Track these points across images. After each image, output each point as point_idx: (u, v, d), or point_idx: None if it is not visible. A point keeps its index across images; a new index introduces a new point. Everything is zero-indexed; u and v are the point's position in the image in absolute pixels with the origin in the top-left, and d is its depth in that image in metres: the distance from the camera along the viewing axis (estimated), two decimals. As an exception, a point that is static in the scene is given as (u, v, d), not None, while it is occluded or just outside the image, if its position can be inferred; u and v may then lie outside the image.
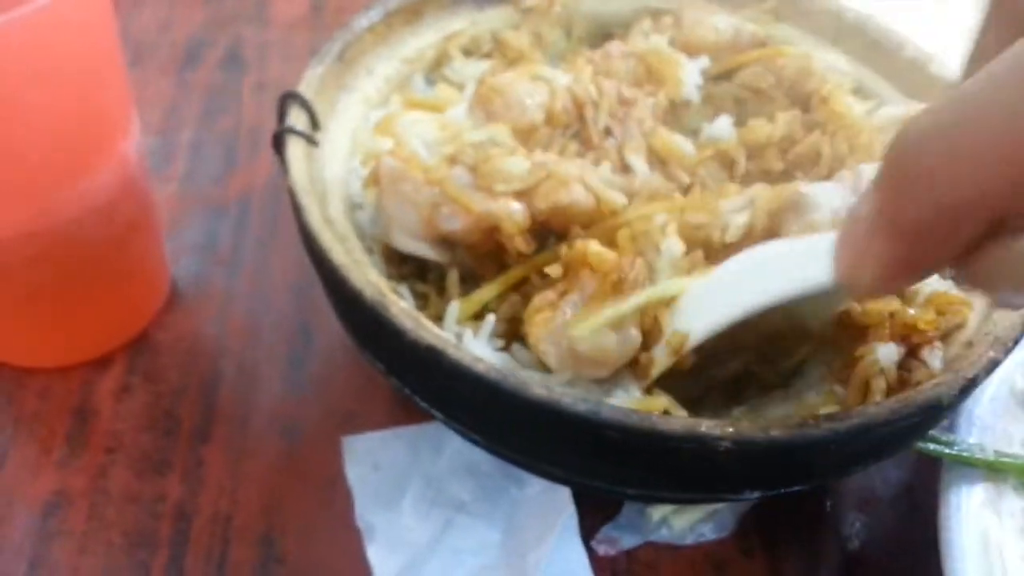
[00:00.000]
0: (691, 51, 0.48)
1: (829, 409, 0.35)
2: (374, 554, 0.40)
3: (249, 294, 0.52)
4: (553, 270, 0.36)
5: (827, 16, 0.51)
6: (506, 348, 0.37)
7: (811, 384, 0.37)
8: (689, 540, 0.42)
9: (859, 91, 0.49)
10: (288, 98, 0.41)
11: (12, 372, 0.47)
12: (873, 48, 0.49)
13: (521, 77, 0.43)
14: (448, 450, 0.44)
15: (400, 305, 0.34)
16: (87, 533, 0.41)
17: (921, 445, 0.38)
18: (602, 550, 0.41)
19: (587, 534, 0.41)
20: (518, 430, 0.34)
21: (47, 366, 0.47)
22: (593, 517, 0.42)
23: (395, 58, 0.48)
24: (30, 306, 0.44)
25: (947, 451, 0.38)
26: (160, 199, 0.56)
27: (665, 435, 0.30)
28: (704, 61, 0.48)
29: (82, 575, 0.40)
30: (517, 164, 0.36)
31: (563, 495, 0.41)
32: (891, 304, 0.36)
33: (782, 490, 0.36)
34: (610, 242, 0.36)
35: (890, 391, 0.35)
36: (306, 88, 0.42)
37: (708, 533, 0.42)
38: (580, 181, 0.37)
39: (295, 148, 0.40)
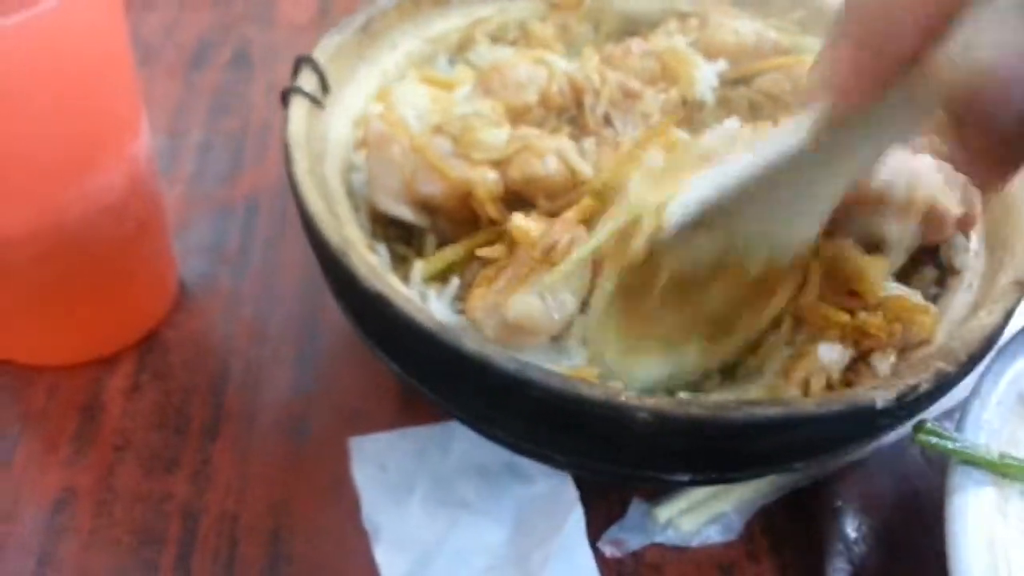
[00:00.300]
0: (712, 54, 0.49)
1: None
2: (381, 554, 0.40)
3: (257, 294, 0.52)
4: (495, 250, 0.37)
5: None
6: None
7: (764, 379, 0.38)
8: (696, 542, 0.42)
9: None
10: (302, 61, 0.43)
11: (21, 370, 0.47)
12: None
13: (524, 59, 0.44)
14: (455, 450, 0.44)
15: (361, 255, 0.36)
16: (94, 531, 0.41)
17: (925, 439, 0.38)
18: (608, 551, 0.41)
19: (594, 535, 0.41)
20: (457, 385, 0.36)
21: (55, 364, 0.47)
22: (600, 518, 0.42)
23: (419, 37, 0.50)
24: (38, 304, 0.44)
25: (950, 446, 0.38)
26: (168, 199, 0.56)
27: (584, 399, 0.31)
28: (722, 64, 0.48)
29: (89, 573, 0.40)
30: (496, 135, 0.38)
31: (570, 495, 0.41)
32: (842, 313, 0.37)
33: (714, 476, 0.36)
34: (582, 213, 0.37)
35: (831, 390, 0.35)
36: (320, 53, 0.44)
37: (715, 536, 0.42)
38: (556, 153, 0.38)
39: (299, 107, 0.42)
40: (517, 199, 0.39)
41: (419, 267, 0.39)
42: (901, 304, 0.37)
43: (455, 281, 0.39)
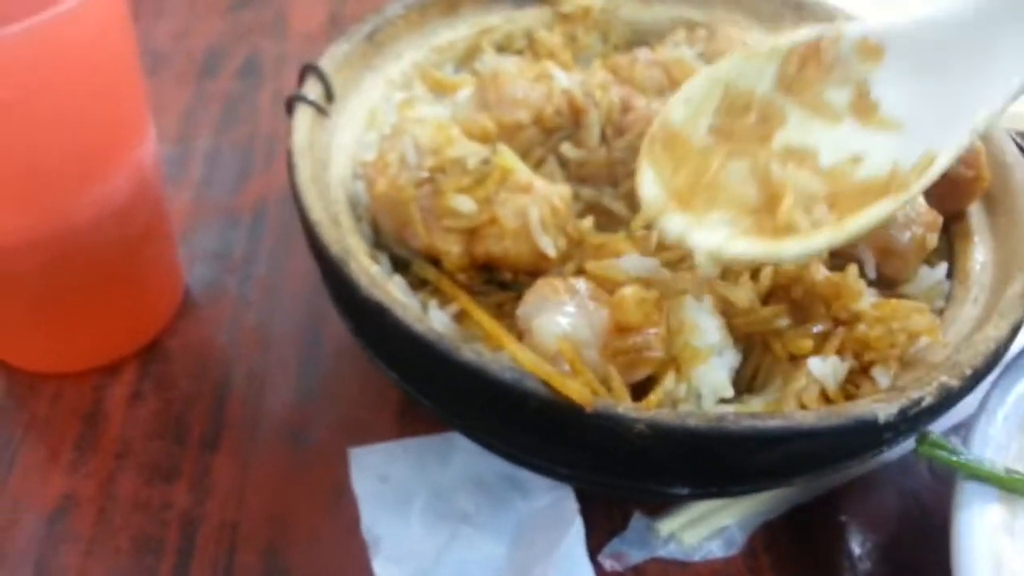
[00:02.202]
0: None
1: None
2: (380, 567, 0.40)
3: (261, 302, 0.52)
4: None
5: None
6: None
7: (768, 393, 0.37)
8: (697, 557, 0.41)
9: None
10: (308, 69, 0.44)
11: (24, 376, 0.47)
12: None
13: (524, 73, 0.44)
14: (455, 462, 0.43)
15: (361, 264, 0.36)
16: (94, 538, 0.41)
17: (931, 452, 0.38)
18: (608, 565, 0.41)
19: (594, 548, 0.40)
20: (454, 394, 0.36)
21: (59, 371, 0.48)
22: (600, 531, 0.41)
23: (426, 46, 0.50)
24: (43, 311, 0.45)
25: (956, 459, 0.38)
26: (176, 206, 0.57)
27: (581, 411, 0.31)
28: None
29: (88, 580, 0.40)
30: (464, 204, 0.37)
31: (570, 507, 0.41)
32: (808, 340, 0.37)
33: (714, 490, 0.36)
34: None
35: (830, 403, 0.35)
36: (327, 62, 0.45)
37: (716, 550, 0.42)
38: (520, 233, 0.37)
39: (303, 115, 0.42)
40: (486, 266, 0.39)
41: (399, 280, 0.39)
42: (894, 308, 0.37)
43: None
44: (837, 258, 0.40)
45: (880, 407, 0.32)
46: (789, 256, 0.35)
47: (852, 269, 0.38)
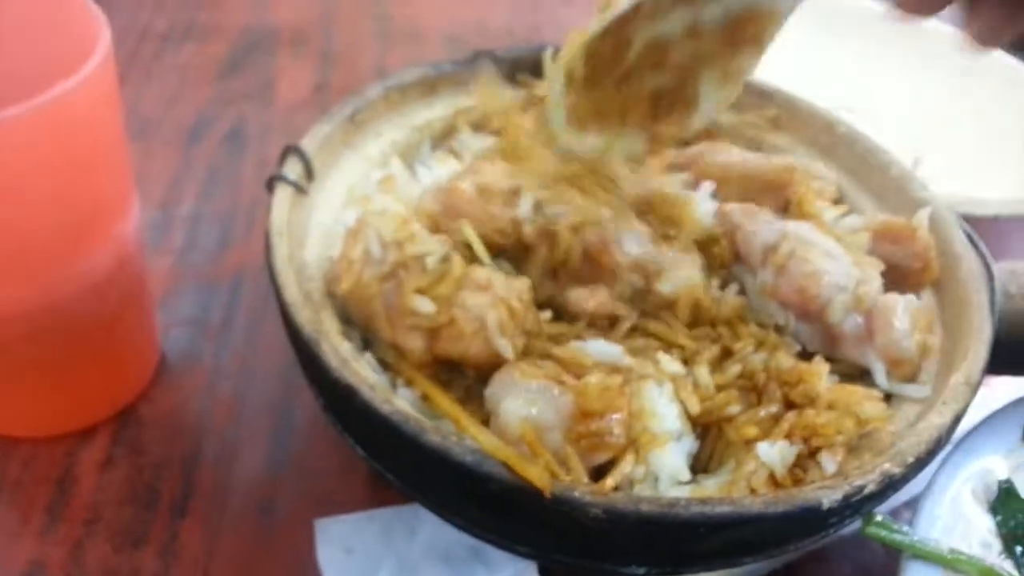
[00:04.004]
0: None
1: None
2: (342, 637, 0.40)
3: (236, 371, 0.53)
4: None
5: (822, 127, 0.53)
6: None
7: (720, 476, 0.38)
8: (655, 631, 0.42)
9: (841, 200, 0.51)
10: (289, 150, 0.46)
11: (-2, 440, 0.48)
12: (861, 163, 0.51)
13: (487, 190, 0.44)
14: (422, 533, 0.44)
15: (332, 345, 0.37)
16: (60, 606, 0.42)
17: (877, 532, 0.39)
18: (569, 640, 0.42)
19: (554, 622, 0.41)
20: (419, 473, 0.37)
21: (33, 435, 0.48)
22: (561, 605, 0.42)
23: (405, 125, 0.52)
24: (20, 378, 0.45)
25: (899, 539, 0.39)
26: (155, 271, 0.58)
27: (539, 494, 0.32)
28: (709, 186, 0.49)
29: (52, 649, 0.40)
30: (423, 305, 0.38)
31: (532, 582, 0.42)
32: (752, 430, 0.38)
33: (669, 570, 0.37)
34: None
35: (778, 487, 0.36)
36: (308, 142, 0.46)
37: (674, 624, 0.42)
38: (478, 334, 0.38)
39: (282, 194, 0.44)
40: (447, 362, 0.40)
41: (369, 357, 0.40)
42: (848, 393, 0.39)
43: None
44: (841, 364, 0.42)
45: (824, 494, 0.33)
46: None
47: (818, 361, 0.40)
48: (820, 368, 0.40)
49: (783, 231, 0.43)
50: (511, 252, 0.43)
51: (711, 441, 0.39)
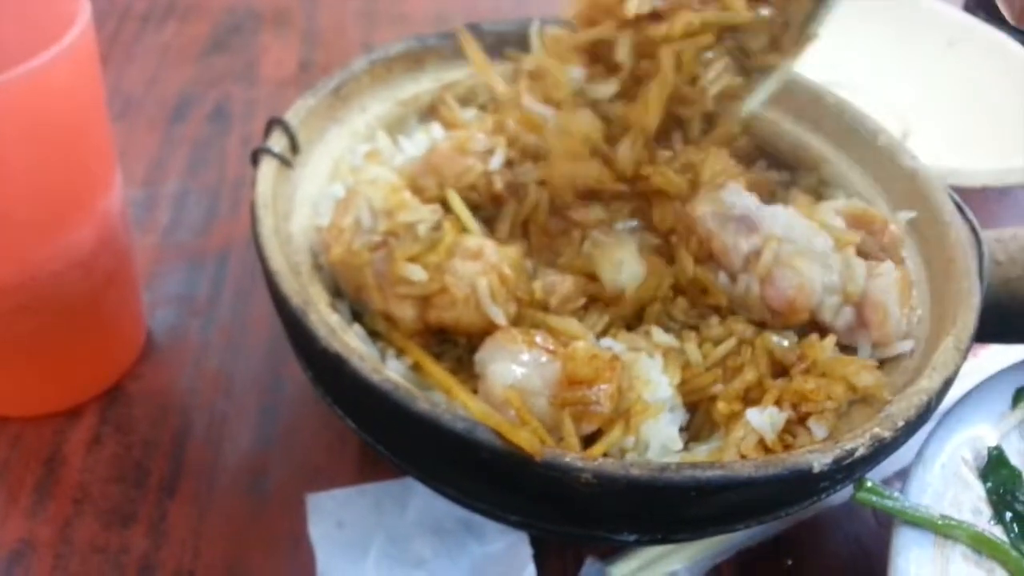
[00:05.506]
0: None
1: None
2: (335, 610, 0.40)
3: (223, 347, 0.53)
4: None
5: (810, 99, 0.53)
6: None
7: (712, 442, 0.38)
8: (648, 601, 0.42)
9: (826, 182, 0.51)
10: (273, 123, 0.45)
11: (-15, 420, 0.48)
12: (850, 133, 0.51)
13: (463, 146, 0.44)
14: (412, 506, 0.44)
15: (321, 314, 0.37)
16: (50, 584, 0.41)
17: (868, 498, 0.39)
18: (561, 610, 0.42)
19: (547, 593, 0.41)
20: (410, 443, 0.37)
21: (20, 415, 0.48)
22: (554, 575, 0.42)
23: (390, 99, 0.51)
24: (6, 357, 0.45)
25: (891, 505, 0.39)
26: (141, 250, 0.57)
27: (530, 460, 0.32)
28: None
29: (42, 627, 0.40)
30: (415, 273, 0.38)
31: (524, 552, 0.42)
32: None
33: (660, 536, 0.37)
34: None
35: (769, 452, 0.36)
36: (292, 115, 0.46)
37: (667, 595, 0.43)
38: (470, 301, 0.38)
39: (268, 167, 0.43)
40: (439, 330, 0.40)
41: (358, 328, 0.40)
42: (843, 364, 0.39)
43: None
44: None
45: (815, 457, 0.33)
46: None
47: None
48: (826, 342, 0.40)
49: (762, 231, 0.41)
50: (484, 210, 0.43)
51: (700, 416, 0.39)
